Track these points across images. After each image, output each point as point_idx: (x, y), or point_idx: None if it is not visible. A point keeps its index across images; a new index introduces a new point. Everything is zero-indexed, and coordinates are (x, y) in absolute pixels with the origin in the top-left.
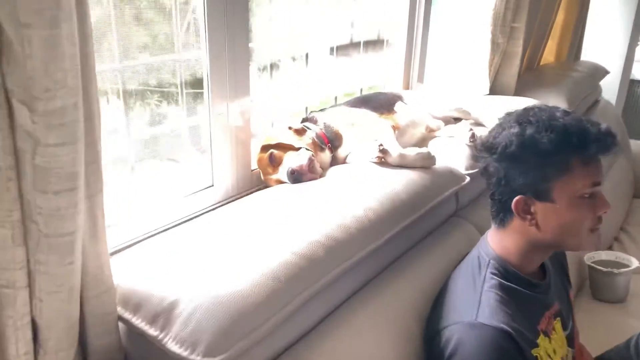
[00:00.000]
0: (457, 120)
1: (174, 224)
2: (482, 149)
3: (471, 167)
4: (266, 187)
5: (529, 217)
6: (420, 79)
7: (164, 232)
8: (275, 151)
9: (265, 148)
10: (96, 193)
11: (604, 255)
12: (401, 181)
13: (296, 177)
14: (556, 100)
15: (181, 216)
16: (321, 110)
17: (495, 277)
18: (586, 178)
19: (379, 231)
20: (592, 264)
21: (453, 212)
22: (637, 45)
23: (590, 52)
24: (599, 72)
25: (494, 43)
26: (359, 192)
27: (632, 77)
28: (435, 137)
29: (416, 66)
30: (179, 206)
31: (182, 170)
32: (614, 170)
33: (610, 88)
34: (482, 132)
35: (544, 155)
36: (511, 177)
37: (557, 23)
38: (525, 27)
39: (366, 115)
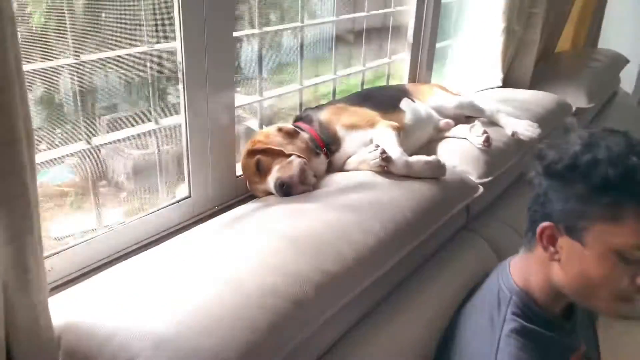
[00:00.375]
0: (468, 118)
1: (142, 243)
2: (535, 156)
3: (485, 175)
4: (253, 196)
5: (552, 249)
6: (429, 69)
7: (130, 255)
8: (262, 158)
9: (251, 153)
10: (23, 234)
11: None
12: (406, 195)
13: (286, 190)
14: (575, 95)
15: (152, 233)
16: (317, 107)
17: (517, 319)
18: (637, 235)
19: (381, 259)
20: None
21: (463, 224)
22: None
23: (605, 39)
24: (620, 62)
25: (509, 31)
26: (357, 210)
27: None
28: (444, 137)
29: (424, 55)
30: (149, 222)
31: (154, 181)
32: None
33: (624, 77)
34: (496, 134)
35: (595, 190)
36: (550, 197)
37: (576, 7)
38: (545, 13)
39: (368, 114)
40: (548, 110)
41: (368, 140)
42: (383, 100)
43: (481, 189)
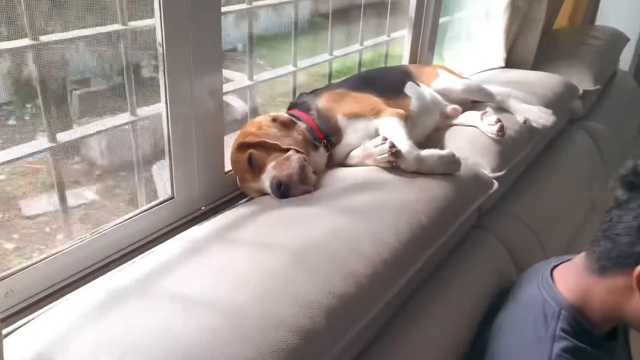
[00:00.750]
0: (474, 103)
1: (119, 254)
2: (631, 177)
3: (499, 168)
4: (243, 194)
5: None
6: (431, 49)
7: (105, 270)
8: (255, 152)
9: (242, 147)
10: None
11: None
12: (419, 196)
13: (284, 191)
14: (580, 77)
15: (129, 242)
16: (313, 92)
17: (567, 337)
18: None
19: (397, 274)
20: None
21: (474, 222)
22: None
23: (602, 16)
24: (621, 40)
25: (513, 7)
26: (366, 215)
27: None
28: (452, 125)
29: (427, 32)
30: (126, 230)
31: (132, 179)
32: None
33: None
34: (507, 121)
35: None
36: None
37: None
38: None
39: (372, 101)
40: (556, 93)
41: (373, 130)
42: (386, 84)
43: (496, 184)
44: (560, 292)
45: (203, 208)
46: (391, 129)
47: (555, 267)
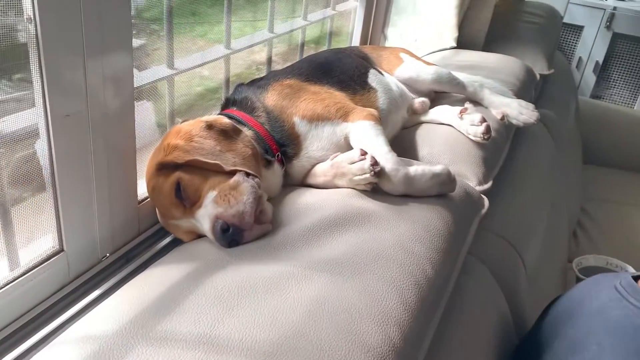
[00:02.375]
0: (437, 93)
1: None
2: None
3: (485, 179)
4: (163, 231)
5: None
6: (386, 24)
7: None
8: (185, 177)
9: (164, 167)
10: None
11: (593, 260)
12: (416, 233)
13: (234, 237)
14: (534, 60)
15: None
16: (254, 83)
17: None
18: None
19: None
20: (580, 273)
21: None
22: None
23: None
24: (557, 17)
25: None
26: (355, 272)
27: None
28: (419, 122)
29: (382, 4)
30: None
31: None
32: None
33: None
34: (493, 122)
35: None
36: None
37: None
38: None
39: (335, 97)
40: (521, 80)
41: (341, 138)
42: (346, 73)
43: (486, 202)
44: None
45: (107, 256)
46: (367, 137)
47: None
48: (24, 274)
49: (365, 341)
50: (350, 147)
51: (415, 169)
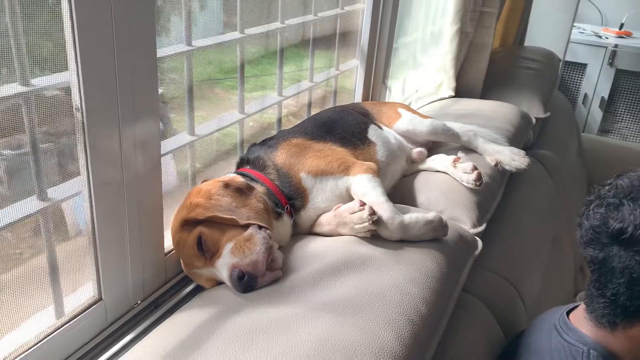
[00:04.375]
0: (434, 143)
1: None
2: (604, 235)
3: (478, 222)
4: (186, 279)
5: None
6: (385, 80)
7: None
8: (206, 231)
9: (188, 224)
10: None
11: None
12: (411, 275)
13: (248, 283)
14: (530, 105)
15: None
16: (265, 143)
17: None
18: None
19: None
20: None
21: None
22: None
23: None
24: (554, 60)
25: (462, 33)
26: (356, 311)
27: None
28: (418, 170)
29: (381, 63)
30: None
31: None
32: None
33: None
34: (481, 166)
35: None
36: None
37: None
38: (498, 12)
39: (337, 154)
40: (516, 126)
41: (343, 190)
42: (348, 130)
43: (480, 243)
44: (584, 333)
45: (139, 303)
46: (365, 188)
47: (569, 312)
48: (68, 321)
49: None
50: (352, 198)
51: (410, 216)
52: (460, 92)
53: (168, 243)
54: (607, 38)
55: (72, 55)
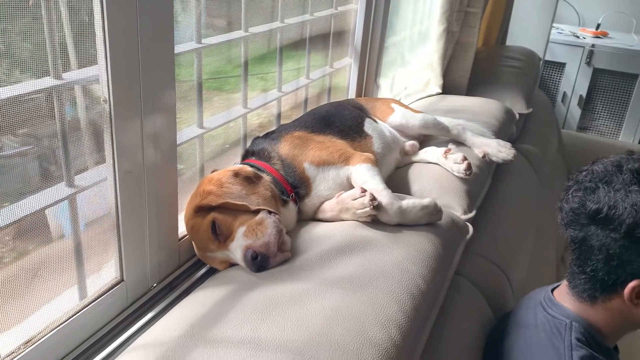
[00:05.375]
0: (425, 136)
1: None
2: (583, 216)
3: (469, 209)
4: (199, 263)
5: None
6: (377, 77)
7: None
8: (219, 217)
9: (200, 210)
10: None
11: None
12: (409, 256)
13: (261, 263)
14: (513, 101)
15: (72, 346)
16: (269, 136)
17: (583, 347)
18: None
19: (408, 354)
20: None
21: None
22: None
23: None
24: (535, 59)
25: (448, 32)
26: (361, 286)
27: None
28: (411, 162)
29: (373, 61)
30: (67, 329)
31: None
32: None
33: None
34: (470, 158)
35: None
36: (628, 258)
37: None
38: (482, 12)
39: (338, 145)
40: (500, 121)
41: (344, 179)
42: (346, 123)
43: (471, 228)
44: (567, 307)
45: (155, 285)
46: (365, 177)
47: (553, 290)
48: (95, 299)
49: (372, 340)
50: (352, 187)
51: (407, 202)
52: (447, 89)
53: (182, 229)
54: (584, 38)
55: (102, 51)
